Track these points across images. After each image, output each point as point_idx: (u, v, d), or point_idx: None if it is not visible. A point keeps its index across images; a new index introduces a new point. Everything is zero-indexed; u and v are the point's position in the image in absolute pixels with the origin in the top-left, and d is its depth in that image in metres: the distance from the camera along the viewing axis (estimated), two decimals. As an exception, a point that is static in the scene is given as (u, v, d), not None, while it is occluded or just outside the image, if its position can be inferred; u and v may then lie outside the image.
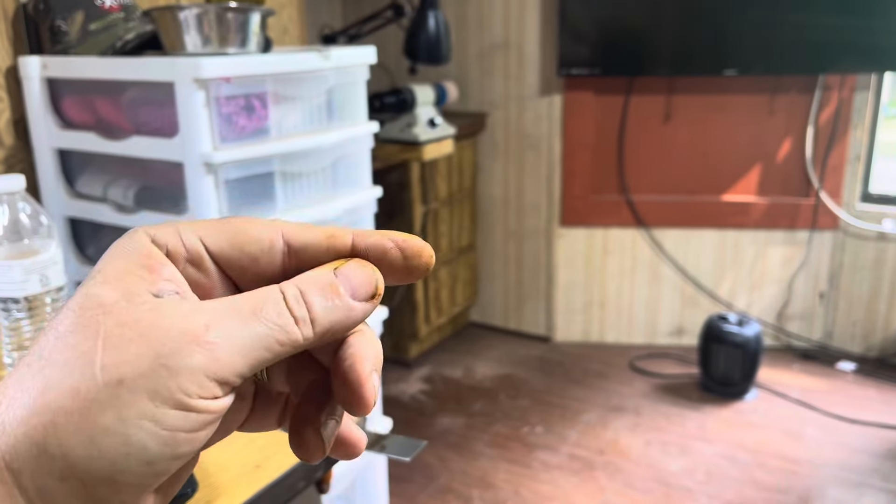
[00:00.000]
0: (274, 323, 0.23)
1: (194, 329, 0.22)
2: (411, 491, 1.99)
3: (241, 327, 0.22)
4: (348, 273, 0.25)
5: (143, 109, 1.28)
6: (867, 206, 2.58)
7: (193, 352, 0.21)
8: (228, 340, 0.22)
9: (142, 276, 0.23)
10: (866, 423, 2.26)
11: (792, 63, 2.46)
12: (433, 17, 2.20)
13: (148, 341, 0.21)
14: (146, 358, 0.21)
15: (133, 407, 0.21)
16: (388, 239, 0.26)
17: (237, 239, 0.26)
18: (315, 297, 0.24)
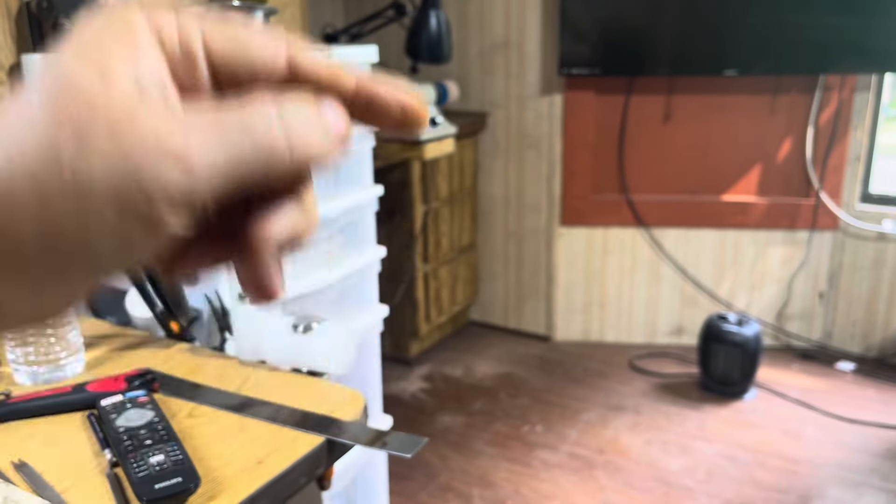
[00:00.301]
0: (262, 145, 0.21)
1: (174, 142, 0.20)
2: (411, 489, 2.00)
3: (226, 146, 0.21)
4: (331, 108, 0.23)
5: (145, 107, 1.29)
6: (867, 207, 2.59)
7: (170, 169, 0.20)
8: (209, 158, 0.20)
9: (124, 52, 0.21)
10: (865, 423, 2.26)
11: (792, 63, 2.46)
12: (434, 17, 2.20)
13: (122, 147, 0.19)
14: (119, 169, 0.19)
15: (97, 215, 0.19)
16: (394, 100, 0.25)
17: (241, 47, 0.24)
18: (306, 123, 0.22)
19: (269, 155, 0.21)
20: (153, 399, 0.81)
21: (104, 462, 0.72)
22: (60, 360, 0.90)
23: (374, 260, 1.52)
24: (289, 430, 0.79)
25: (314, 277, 1.37)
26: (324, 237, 1.39)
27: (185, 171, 0.20)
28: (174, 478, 0.68)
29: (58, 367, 0.90)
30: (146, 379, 0.85)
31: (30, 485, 0.67)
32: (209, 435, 0.78)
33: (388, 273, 2.59)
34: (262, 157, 0.21)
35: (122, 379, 0.85)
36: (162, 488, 0.67)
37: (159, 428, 0.75)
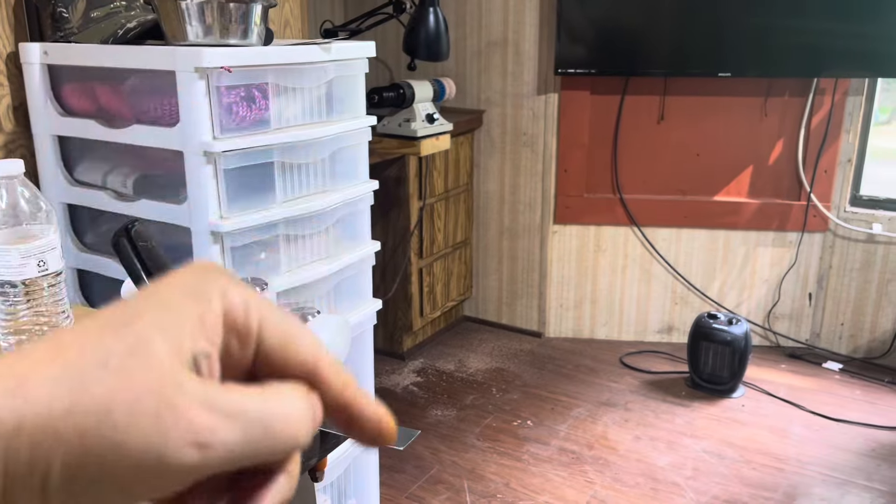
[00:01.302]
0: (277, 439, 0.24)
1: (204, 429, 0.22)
2: (402, 482, 2.01)
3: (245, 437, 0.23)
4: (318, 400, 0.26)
5: (143, 98, 1.29)
6: (856, 209, 2.62)
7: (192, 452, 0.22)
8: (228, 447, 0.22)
9: (194, 324, 0.23)
10: (851, 423, 2.29)
11: (786, 66, 2.48)
12: (433, 14, 2.21)
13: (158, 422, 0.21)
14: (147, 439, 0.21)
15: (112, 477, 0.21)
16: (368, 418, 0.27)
17: (287, 346, 0.26)
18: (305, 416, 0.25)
19: (277, 447, 0.24)
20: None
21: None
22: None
23: (369, 254, 1.53)
24: None
25: (309, 270, 1.38)
26: (319, 230, 1.41)
27: (203, 455, 0.22)
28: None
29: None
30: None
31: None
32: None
33: (383, 268, 2.60)
34: (271, 448, 0.24)
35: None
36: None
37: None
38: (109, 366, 0.22)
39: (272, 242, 1.32)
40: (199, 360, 0.23)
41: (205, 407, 0.22)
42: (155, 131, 1.25)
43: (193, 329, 0.23)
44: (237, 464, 0.23)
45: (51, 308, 0.92)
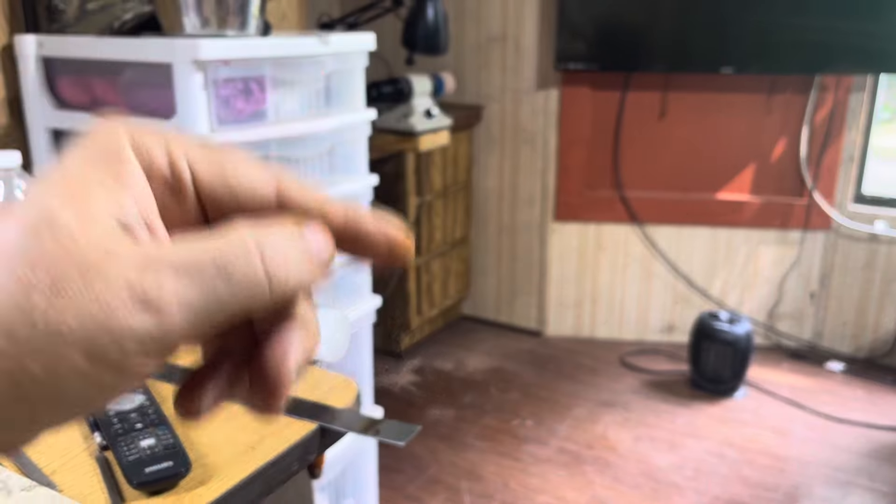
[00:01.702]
0: (240, 283, 0.20)
1: (147, 288, 0.19)
2: (400, 481, 1.99)
3: (202, 288, 0.20)
4: (314, 233, 0.23)
5: (140, 91, 1.27)
6: (859, 208, 2.60)
7: (142, 317, 0.19)
8: (184, 303, 0.20)
9: (108, 187, 0.21)
10: (854, 423, 2.28)
11: (789, 63, 2.47)
12: (432, 8, 2.19)
13: (94, 294, 0.19)
14: (90, 316, 0.19)
15: (68, 362, 0.19)
16: (381, 235, 0.25)
17: (230, 176, 0.23)
18: (286, 252, 0.21)
19: (247, 291, 0.21)
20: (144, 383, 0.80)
21: (94, 445, 0.71)
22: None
23: (368, 250, 1.51)
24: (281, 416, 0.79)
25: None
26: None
27: (157, 318, 0.19)
28: (165, 462, 0.67)
29: (47, 350, 0.89)
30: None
31: (18, 467, 0.66)
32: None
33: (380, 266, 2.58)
34: (239, 295, 0.20)
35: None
36: (152, 472, 0.66)
37: (150, 412, 0.74)
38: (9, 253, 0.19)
39: (270, 238, 1.30)
40: (131, 223, 0.21)
41: (142, 267, 0.19)
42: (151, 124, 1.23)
43: (110, 193, 0.21)
44: (214, 321, 0.20)
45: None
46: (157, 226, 0.22)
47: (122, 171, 0.21)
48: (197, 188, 0.23)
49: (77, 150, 0.22)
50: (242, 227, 0.21)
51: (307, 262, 0.22)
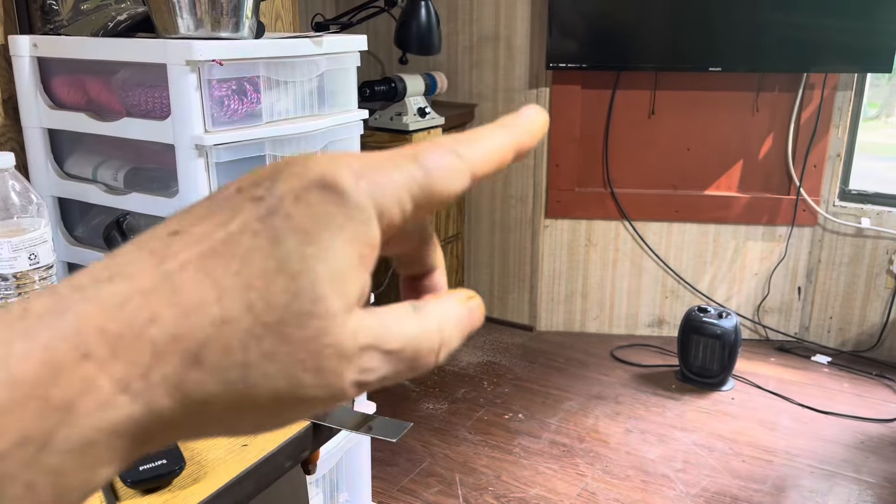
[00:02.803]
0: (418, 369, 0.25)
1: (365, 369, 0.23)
2: (394, 474, 2.02)
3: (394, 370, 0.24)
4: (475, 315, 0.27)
5: (134, 91, 1.29)
6: (845, 204, 2.64)
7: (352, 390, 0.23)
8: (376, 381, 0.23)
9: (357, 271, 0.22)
10: (840, 415, 2.31)
11: (776, 61, 2.50)
12: (424, 8, 2.21)
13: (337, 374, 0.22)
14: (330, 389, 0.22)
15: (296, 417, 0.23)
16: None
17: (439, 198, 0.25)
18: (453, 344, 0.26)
19: (415, 373, 0.24)
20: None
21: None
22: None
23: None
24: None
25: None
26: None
27: (359, 391, 0.23)
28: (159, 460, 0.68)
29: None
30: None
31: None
32: (196, 415, 0.78)
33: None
34: (416, 371, 0.24)
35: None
36: (146, 470, 0.67)
37: (147, 408, 0.76)
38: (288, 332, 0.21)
39: (264, 236, 1.32)
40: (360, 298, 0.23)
41: (369, 350, 0.23)
42: (146, 124, 1.25)
43: (357, 270, 0.22)
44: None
45: (42, 301, 0.92)
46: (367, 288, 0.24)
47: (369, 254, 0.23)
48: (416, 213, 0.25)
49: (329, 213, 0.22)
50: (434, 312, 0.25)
51: (464, 337, 0.26)
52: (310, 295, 0.21)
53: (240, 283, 0.21)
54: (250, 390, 0.21)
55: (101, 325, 0.19)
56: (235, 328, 0.20)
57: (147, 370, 0.20)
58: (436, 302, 0.25)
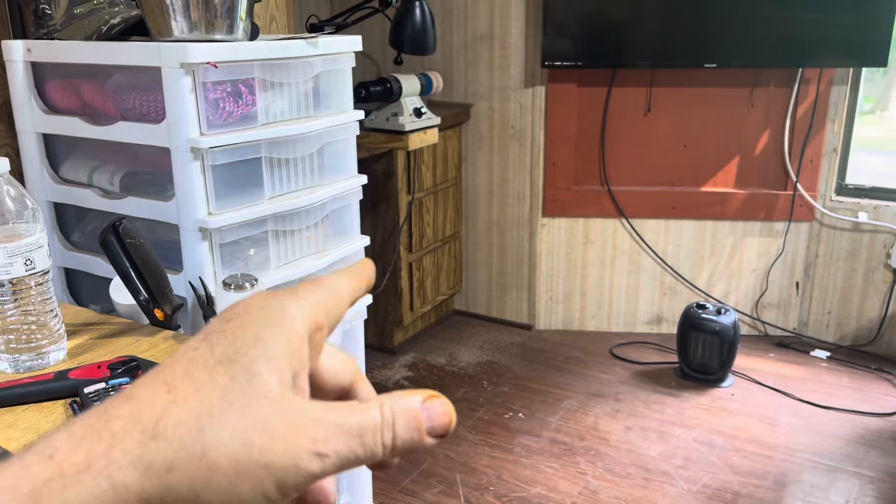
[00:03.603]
0: (369, 448, 0.26)
1: (318, 440, 0.25)
2: (395, 475, 2.02)
3: (345, 446, 0.26)
4: (433, 410, 0.28)
5: (129, 94, 1.28)
6: (842, 198, 2.64)
7: (312, 461, 0.25)
8: (334, 457, 0.25)
9: (287, 354, 0.27)
10: (839, 410, 2.32)
11: (771, 57, 2.50)
12: (419, 8, 2.20)
13: (289, 440, 0.25)
14: (286, 455, 0.25)
15: (263, 487, 0.24)
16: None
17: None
18: (402, 428, 0.27)
19: (374, 454, 0.26)
20: None
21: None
22: (42, 347, 0.90)
23: (359, 249, 1.53)
24: None
25: (298, 266, 1.38)
26: (308, 226, 1.40)
27: (321, 464, 0.25)
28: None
29: (40, 354, 0.90)
30: (129, 366, 0.86)
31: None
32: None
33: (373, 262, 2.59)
34: (368, 456, 0.26)
35: (105, 366, 0.85)
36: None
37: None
38: (233, 401, 0.25)
39: (261, 238, 1.32)
40: (295, 382, 0.27)
41: (317, 422, 0.26)
42: (141, 128, 1.24)
43: (287, 355, 0.27)
44: (336, 472, 0.26)
45: (38, 307, 0.92)
46: (306, 385, 0.28)
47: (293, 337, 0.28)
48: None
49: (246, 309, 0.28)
50: (384, 400, 0.28)
51: (415, 434, 0.27)
52: (247, 372, 0.26)
53: (186, 377, 0.25)
54: (208, 453, 0.24)
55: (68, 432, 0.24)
56: (185, 406, 0.25)
57: (108, 450, 0.23)
58: (388, 395, 0.28)
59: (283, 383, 0.26)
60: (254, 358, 0.26)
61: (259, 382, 0.26)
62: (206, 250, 1.23)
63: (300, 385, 0.27)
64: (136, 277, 1.03)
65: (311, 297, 0.29)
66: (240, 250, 1.29)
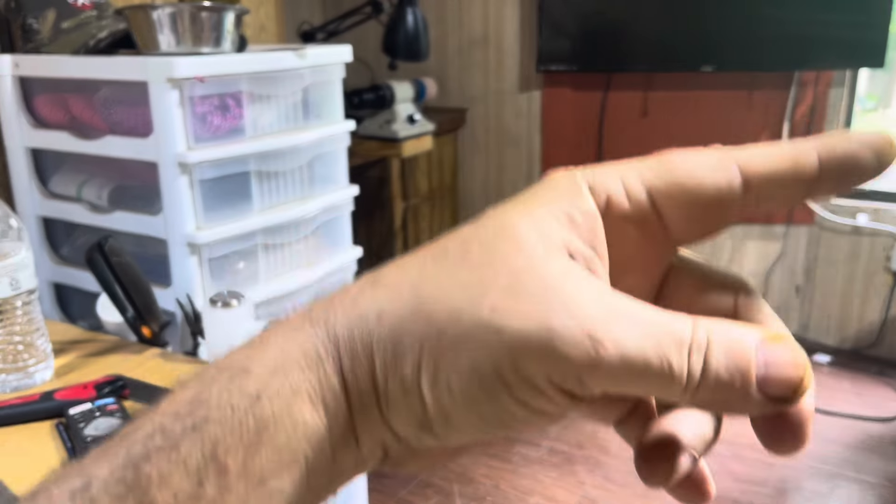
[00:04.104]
0: (666, 360, 0.19)
1: (592, 321, 0.19)
2: (391, 486, 2.00)
3: (634, 343, 0.19)
4: (772, 359, 0.19)
5: (116, 108, 1.27)
6: (842, 201, 2.62)
7: (581, 346, 0.18)
8: (615, 353, 0.19)
9: (562, 225, 0.21)
10: (840, 415, 2.30)
11: (768, 59, 2.48)
12: (411, 14, 2.19)
13: (544, 309, 0.19)
14: (534, 325, 0.19)
15: (495, 366, 0.19)
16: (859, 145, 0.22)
17: (685, 184, 0.22)
18: (719, 360, 0.19)
19: (671, 375, 0.19)
20: (123, 407, 0.81)
21: (72, 472, 0.71)
22: (29, 367, 0.90)
23: (351, 261, 1.52)
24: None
25: (289, 279, 1.37)
26: (299, 238, 1.39)
27: (595, 356, 0.19)
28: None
29: (26, 374, 0.89)
30: (116, 386, 0.85)
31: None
32: (179, 442, 0.77)
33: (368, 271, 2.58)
34: (664, 373, 0.19)
35: (92, 387, 0.84)
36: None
37: (128, 436, 0.75)
38: (472, 250, 0.20)
39: (251, 252, 1.31)
40: (577, 259, 0.21)
41: (594, 299, 0.19)
42: (128, 142, 1.23)
43: (560, 225, 0.21)
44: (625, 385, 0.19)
45: (25, 327, 0.91)
46: (599, 270, 0.22)
47: (576, 214, 0.21)
48: (656, 207, 0.22)
49: (535, 187, 0.23)
50: (704, 321, 0.20)
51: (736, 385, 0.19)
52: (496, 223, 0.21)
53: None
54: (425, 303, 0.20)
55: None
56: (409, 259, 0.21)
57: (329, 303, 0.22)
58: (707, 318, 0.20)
59: (551, 244, 0.20)
60: (510, 213, 0.21)
61: (511, 232, 0.20)
62: (195, 265, 1.22)
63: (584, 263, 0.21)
64: (123, 295, 1.02)
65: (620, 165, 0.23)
66: (229, 264, 1.27)
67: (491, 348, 0.19)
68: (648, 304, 0.20)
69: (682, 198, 0.22)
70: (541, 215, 0.21)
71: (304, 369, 0.20)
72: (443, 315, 0.19)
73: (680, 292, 0.25)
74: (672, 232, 0.23)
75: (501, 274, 0.20)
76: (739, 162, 0.23)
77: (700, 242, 0.24)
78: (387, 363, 0.20)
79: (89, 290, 1.34)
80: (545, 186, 0.22)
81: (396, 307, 0.20)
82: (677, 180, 0.23)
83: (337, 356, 0.21)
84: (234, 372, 0.20)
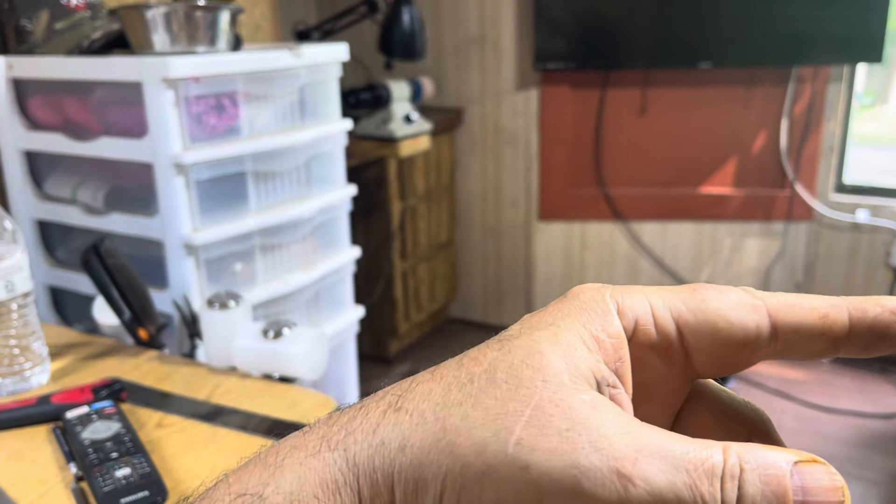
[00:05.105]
0: (699, 493, 0.18)
1: (620, 457, 0.18)
2: None
3: (664, 478, 0.18)
4: (809, 481, 0.19)
5: (111, 109, 1.26)
6: (841, 197, 2.62)
7: (609, 485, 0.18)
8: (644, 490, 0.18)
9: (590, 349, 0.21)
10: (842, 412, 2.29)
11: (766, 55, 2.48)
12: (407, 13, 2.18)
13: (571, 445, 0.18)
14: (560, 463, 0.18)
15: (518, 496, 0.19)
16: (891, 314, 0.22)
17: (715, 322, 0.22)
18: (754, 487, 0.18)
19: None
20: (120, 410, 0.80)
21: (69, 476, 0.70)
22: (25, 371, 0.89)
23: (349, 261, 1.51)
24: (260, 439, 0.78)
25: (286, 280, 1.35)
26: (296, 239, 1.38)
27: (624, 494, 0.18)
28: (140, 491, 0.67)
29: (22, 378, 0.88)
30: (113, 389, 0.84)
31: (-10, 503, 0.66)
32: (178, 445, 0.76)
33: (366, 271, 2.57)
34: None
35: (89, 390, 0.83)
36: (128, 502, 0.66)
37: (126, 440, 0.74)
38: (498, 378, 0.20)
39: (248, 253, 1.29)
40: (602, 388, 0.20)
41: (623, 433, 0.19)
42: (123, 143, 1.22)
43: (588, 351, 0.21)
44: None
45: (21, 330, 0.90)
46: (626, 404, 0.21)
47: (604, 337, 0.21)
48: (682, 339, 0.22)
49: (565, 305, 0.22)
50: (735, 446, 0.19)
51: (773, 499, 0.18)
52: (524, 349, 0.21)
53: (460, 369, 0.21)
54: (448, 435, 0.19)
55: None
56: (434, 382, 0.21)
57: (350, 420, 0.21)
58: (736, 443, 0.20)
59: (577, 373, 0.20)
60: (537, 338, 0.21)
61: (538, 361, 0.20)
62: (192, 266, 1.20)
63: (608, 393, 0.21)
64: (119, 297, 1.01)
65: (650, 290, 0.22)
66: (226, 266, 1.26)
67: (516, 484, 0.19)
68: (675, 434, 0.19)
69: (710, 336, 0.22)
70: (569, 341, 0.21)
71: (321, 502, 0.20)
72: (467, 447, 0.19)
73: (696, 418, 0.25)
74: (695, 365, 0.23)
75: (527, 406, 0.19)
76: (770, 308, 0.22)
77: (720, 377, 0.24)
78: (407, 495, 0.20)
79: (85, 292, 1.33)
80: (575, 305, 0.22)
81: (419, 437, 0.20)
82: (709, 318, 0.22)
83: (356, 486, 0.20)
84: (247, 501, 0.20)
